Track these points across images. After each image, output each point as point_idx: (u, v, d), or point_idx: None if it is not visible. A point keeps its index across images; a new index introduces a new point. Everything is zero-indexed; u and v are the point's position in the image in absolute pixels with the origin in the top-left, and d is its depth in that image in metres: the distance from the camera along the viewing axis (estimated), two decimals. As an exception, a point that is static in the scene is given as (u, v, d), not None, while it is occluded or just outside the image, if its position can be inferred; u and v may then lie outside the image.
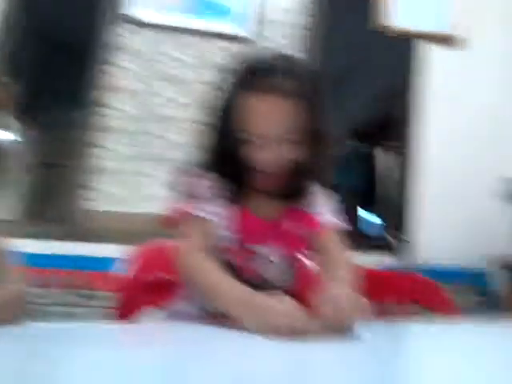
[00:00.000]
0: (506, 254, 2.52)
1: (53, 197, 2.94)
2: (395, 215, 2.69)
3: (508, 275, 2.49)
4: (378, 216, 2.86)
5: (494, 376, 0.56)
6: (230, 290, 0.79)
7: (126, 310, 1.11)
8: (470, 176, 2.69)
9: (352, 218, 4.41)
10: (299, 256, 1.01)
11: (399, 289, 1.34)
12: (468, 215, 2.65)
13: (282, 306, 0.71)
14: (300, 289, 1.04)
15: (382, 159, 2.82)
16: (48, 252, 2.18)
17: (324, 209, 1.01)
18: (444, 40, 2.74)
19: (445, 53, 2.75)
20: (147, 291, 1.13)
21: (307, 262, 1.12)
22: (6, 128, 2.92)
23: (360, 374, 0.56)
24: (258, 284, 0.93)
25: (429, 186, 2.64)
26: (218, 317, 0.90)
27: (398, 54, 2.82)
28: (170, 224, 0.94)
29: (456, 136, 2.73)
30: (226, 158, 0.92)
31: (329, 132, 0.94)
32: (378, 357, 0.64)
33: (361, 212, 4.78)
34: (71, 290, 2.21)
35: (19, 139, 3.20)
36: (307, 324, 0.70)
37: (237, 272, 0.90)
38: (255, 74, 0.87)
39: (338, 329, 0.71)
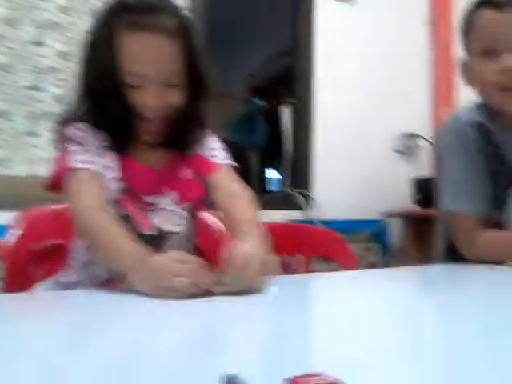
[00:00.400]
0: (404, 207, 2.66)
1: None
2: (299, 171, 2.73)
3: (405, 227, 2.65)
4: (283, 173, 2.90)
5: (390, 317, 0.57)
6: (124, 249, 0.75)
7: (13, 281, 1.01)
8: (369, 132, 2.78)
9: (258, 175, 4.46)
10: (199, 208, 0.98)
11: (304, 242, 1.36)
12: (368, 170, 2.76)
13: (179, 265, 0.67)
14: (203, 242, 1.01)
15: (287, 116, 2.83)
16: None
17: (214, 152, 1.00)
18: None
19: (335, 6, 2.78)
20: (35, 260, 1.04)
21: (208, 215, 1.09)
22: None
23: (268, 328, 0.54)
24: (157, 236, 0.90)
25: (329, 143, 2.70)
26: (112, 283, 0.84)
27: (295, 7, 2.80)
28: (55, 185, 0.86)
29: (353, 92, 2.79)
30: (107, 104, 0.86)
31: (209, 76, 0.93)
32: (284, 310, 0.62)
33: (266, 169, 4.85)
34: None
35: None
36: (208, 283, 0.66)
37: (134, 226, 0.87)
38: (131, 12, 0.84)
39: (244, 286, 0.68)
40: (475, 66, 1.07)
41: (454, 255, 1.10)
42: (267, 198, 3.08)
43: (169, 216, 0.93)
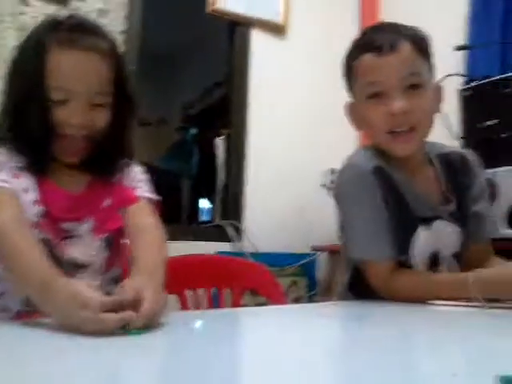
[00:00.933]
0: (331, 242, 2.71)
1: None
2: (231, 203, 2.73)
3: (332, 261, 2.70)
4: (215, 203, 2.89)
5: (307, 350, 0.57)
6: (35, 267, 0.70)
7: None
8: (300, 166, 2.84)
9: (190, 204, 4.42)
10: (118, 239, 0.95)
11: (232, 275, 1.35)
12: (298, 204, 2.80)
13: (87, 295, 0.61)
14: (124, 272, 0.97)
15: (220, 147, 2.84)
16: None
17: (137, 183, 0.98)
18: (271, 27, 2.82)
19: (269, 40, 2.84)
20: None
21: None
22: None
23: (192, 364, 0.51)
24: (70, 266, 0.87)
25: (262, 175, 2.73)
26: (24, 316, 0.79)
27: (230, 39, 2.84)
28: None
29: (286, 126, 2.84)
30: (29, 122, 0.84)
31: (136, 101, 0.95)
32: (209, 346, 0.60)
33: (198, 199, 4.81)
34: None
35: None
36: (113, 319, 0.60)
37: (52, 252, 0.83)
38: (62, 30, 0.84)
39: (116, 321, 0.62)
40: (363, 110, 1.08)
41: (356, 289, 1.13)
42: (197, 229, 3.05)
43: (84, 245, 0.89)
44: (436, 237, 1.09)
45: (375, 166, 1.05)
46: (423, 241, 1.07)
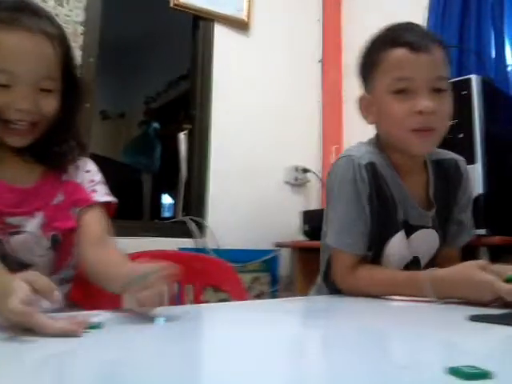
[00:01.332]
0: (294, 238, 2.74)
1: None
2: (193, 198, 2.71)
3: (294, 257, 2.73)
4: (177, 199, 2.86)
5: (274, 348, 0.57)
6: None
7: None
8: (263, 163, 2.85)
9: (152, 200, 4.36)
10: (68, 240, 0.92)
11: (194, 272, 1.35)
12: (261, 200, 2.81)
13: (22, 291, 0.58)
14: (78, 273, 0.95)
15: (183, 142, 2.81)
16: None
17: (93, 185, 0.96)
18: (234, 23, 2.83)
19: (233, 36, 2.85)
20: None
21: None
22: None
23: (154, 361, 0.51)
24: (19, 263, 0.84)
25: (224, 171, 2.72)
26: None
27: (193, 33, 2.82)
28: None
29: (249, 122, 2.85)
30: None
31: (85, 92, 0.93)
32: (171, 342, 0.60)
33: (161, 195, 4.77)
34: None
35: None
36: (44, 320, 0.58)
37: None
38: (7, 10, 0.80)
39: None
40: (384, 104, 1.05)
41: (330, 281, 1.14)
42: (159, 225, 3.02)
43: (31, 243, 0.86)
44: (418, 243, 1.10)
45: (370, 162, 1.06)
46: (403, 245, 1.08)
